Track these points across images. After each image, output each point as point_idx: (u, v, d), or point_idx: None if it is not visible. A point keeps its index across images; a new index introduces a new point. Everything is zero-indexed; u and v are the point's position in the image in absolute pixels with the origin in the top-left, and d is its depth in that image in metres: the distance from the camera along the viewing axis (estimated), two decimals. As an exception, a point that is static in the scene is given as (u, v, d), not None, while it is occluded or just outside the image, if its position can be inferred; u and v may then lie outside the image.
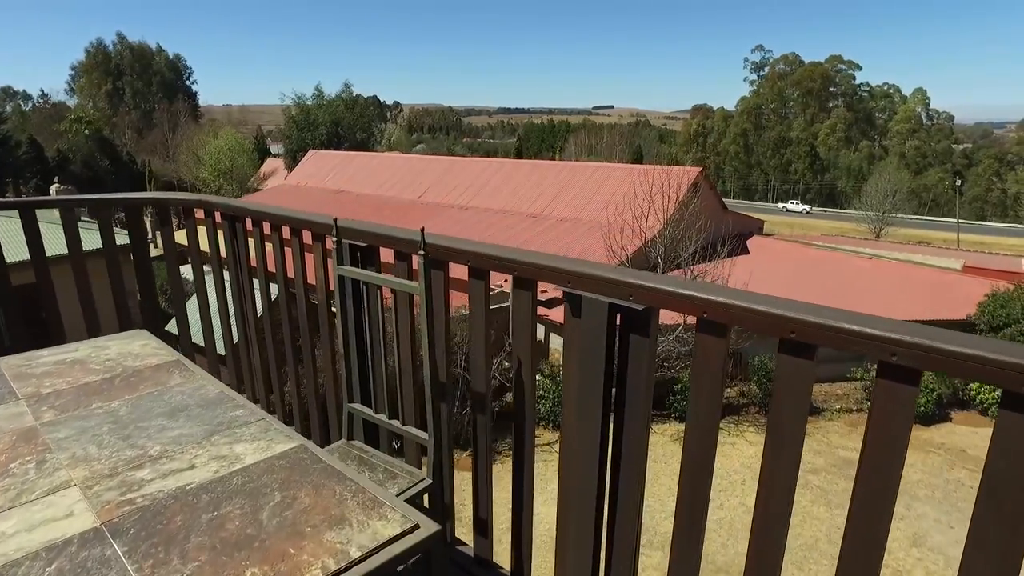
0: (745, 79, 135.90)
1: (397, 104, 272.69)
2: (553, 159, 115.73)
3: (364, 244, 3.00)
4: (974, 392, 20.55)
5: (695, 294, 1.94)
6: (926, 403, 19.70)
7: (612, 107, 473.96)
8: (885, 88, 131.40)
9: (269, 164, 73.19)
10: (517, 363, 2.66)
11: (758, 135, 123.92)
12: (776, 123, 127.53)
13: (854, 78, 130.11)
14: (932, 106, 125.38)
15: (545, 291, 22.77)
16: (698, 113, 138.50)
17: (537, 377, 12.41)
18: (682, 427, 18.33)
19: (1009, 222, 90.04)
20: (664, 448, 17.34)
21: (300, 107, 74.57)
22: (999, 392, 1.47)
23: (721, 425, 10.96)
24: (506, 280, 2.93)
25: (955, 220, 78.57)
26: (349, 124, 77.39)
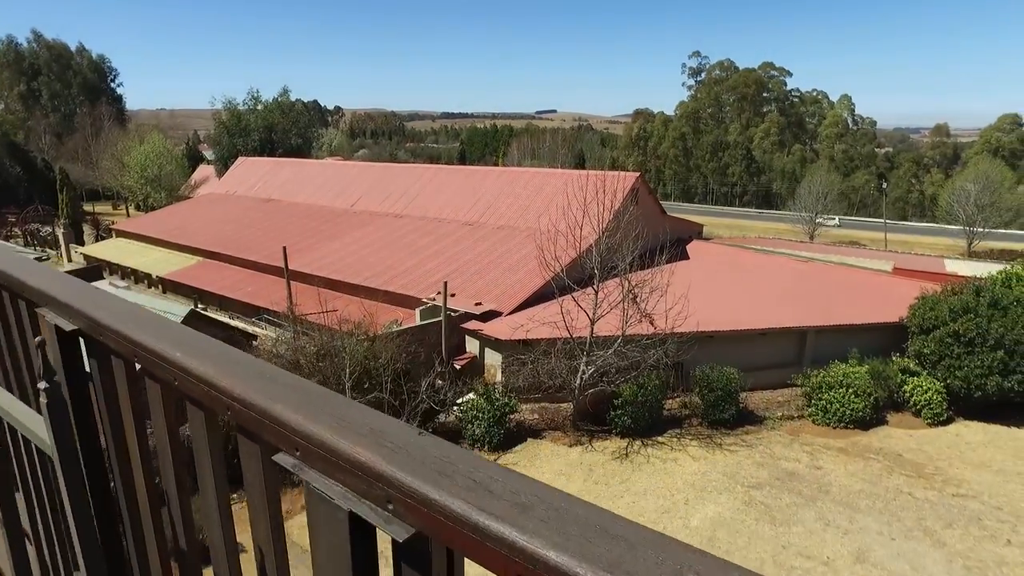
0: (683, 84, 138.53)
1: (339, 109, 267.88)
2: (497, 164, 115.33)
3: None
4: (908, 393, 20.63)
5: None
6: (864, 407, 19.61)
7: (555, 111, 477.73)
8: (814, 94, 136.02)
9: (201, 171, 69.97)
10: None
11: (697, 139, 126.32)
12: (713, 127, 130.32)
13: (785, 84, 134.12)
14: (857, 112, 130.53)
15: (480, 303, 21.85)
16: (639, 117, 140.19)
17: (471, 395, 11.25)
18: (624, 443, 17.73)
19: (927, 222, 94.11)
20: (605, 468, 16.61)
21: (231, 112, 71.58)
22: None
23: (662, 439, 10.05)
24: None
25: (881, 220, 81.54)
26: (284, 129, 74.81)
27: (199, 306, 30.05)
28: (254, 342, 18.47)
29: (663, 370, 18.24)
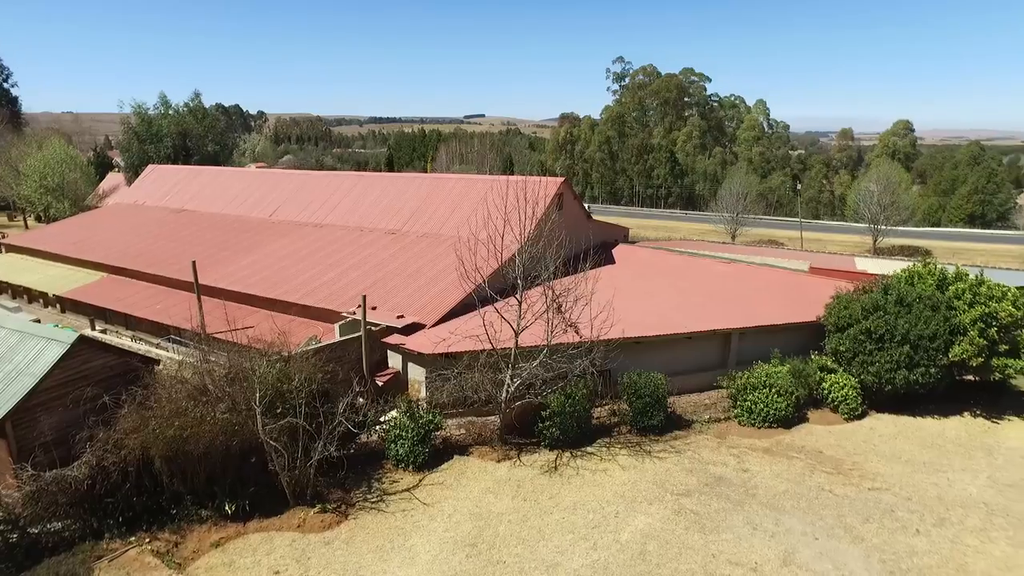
0: (608, 89, 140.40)
1: (262, 114, 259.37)
2: (425, 169, 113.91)
3: None
4: (826, 390, 21.19)
5: None
6: (786, 406, 19.98)
7: (483, 116, 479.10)
8: (732, 99, 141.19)
9: (111, 180, 65.69)
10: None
11: (622, 142, 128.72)
12: (638, 130, 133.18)
13: (705, 89, 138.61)
14: (772, 116, 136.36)
15: (402, 316, 21.09)
16: (565, 121, 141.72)
17: (393, 413, 10.43)
18: (553, 456, 17.36)
19: (838, 220, 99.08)
20: (534, 483, 16.18)
21: (141, 117, 67.71)
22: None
23: (591, 450, 9.05)
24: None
25: (797, 219, 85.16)
26: (199, 136, 71.47)
27: (97, 328, 27.99)
28: (156, 367, 17.11)
29: (590, 379, 18.01)
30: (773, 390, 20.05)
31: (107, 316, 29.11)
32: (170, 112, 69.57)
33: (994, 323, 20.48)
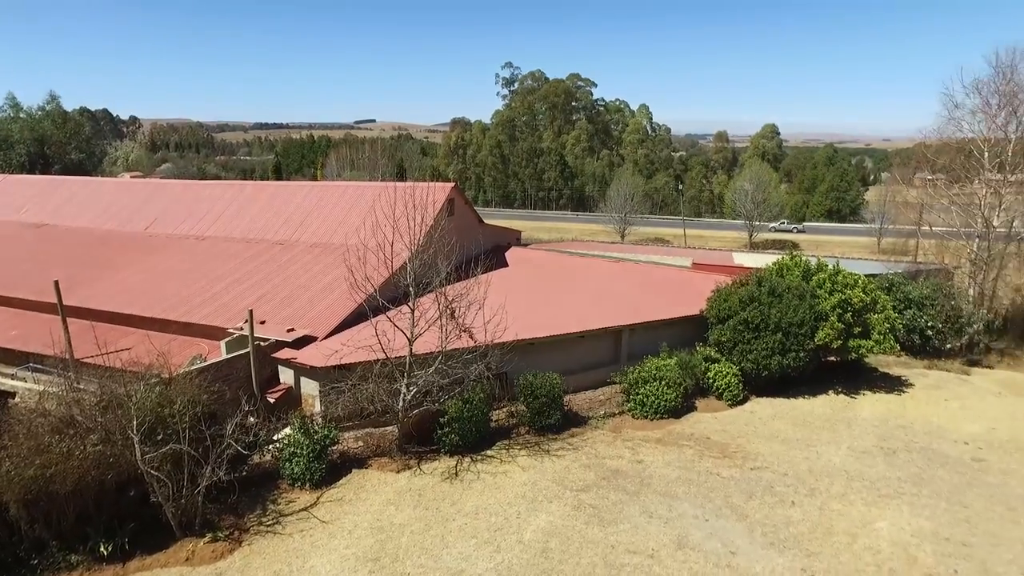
0: (498, 93, 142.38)
1: (135, 119, 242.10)
2: (315, 176, 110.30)
3: None
4: (711, 379, 22.47)
5: None
6: (676, 397, 20.98)
7: (374, 121, 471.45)
8: (617, 103, 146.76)
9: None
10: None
11: (513, 146, 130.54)
12: (528, 134, 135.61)
13: (592, 94, 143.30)
14: (655, 120, 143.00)
15: (293, 329, 20.36)
16: (457, 126, 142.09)
17: (287, 430, 10.02)
18: (453, 462, 17.33)
19: (717, 217, 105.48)
20: (435, 491, 16.09)
21: (-12, 121, 61.51)
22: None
23: (491, 453, 9.32)
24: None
25: (681, 218, 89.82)
26: (60, 142, 65.73)
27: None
28: (11, 401, 15.55)
29: (487, 382, 18.14)
30: (663, 382, 21.01)
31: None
32: (21, 115, 63.52)
33: (849, 308, 22.51)
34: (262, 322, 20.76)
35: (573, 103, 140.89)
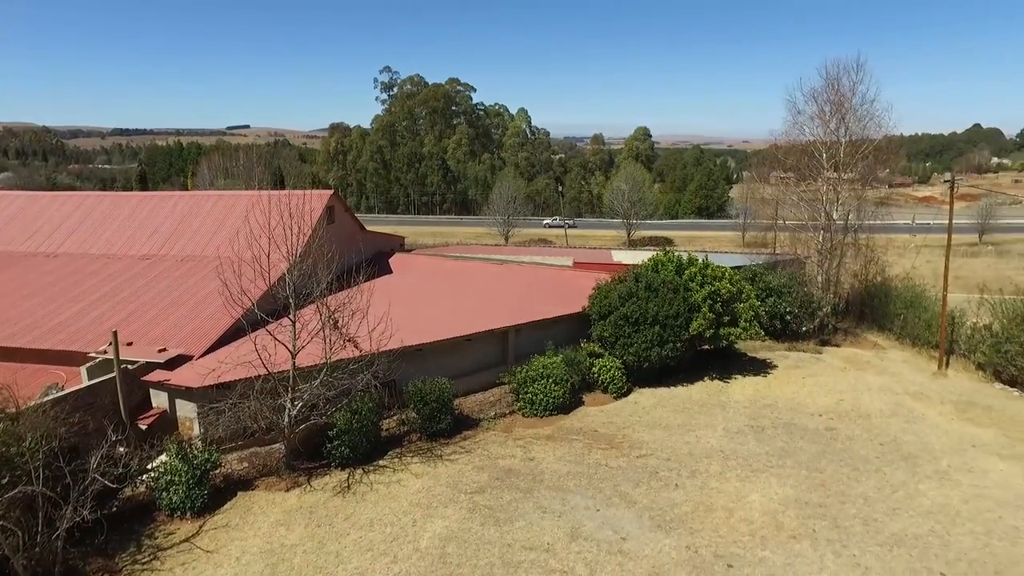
0: (377, 98, 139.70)
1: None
2: (186, 186, 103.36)
3: None
4: (596, 374, 23.34)
5: None
6: (563, 393, 21.59)
7: (248, 127, 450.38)
8: (497, 108, 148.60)
9: None
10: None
11: (394, 151, 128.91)
12: (409, 139, 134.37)
13: (471, 98, 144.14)
14: (534, 123, 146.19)
15: (165, 349, 19.08)
16: (336, 131, 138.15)
17: (163, 457, 9.33)
18: (345, 475, 16.93)
19: (597, 217, 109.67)
20: (327, 506, 15.64)
21: None
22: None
23: (383, 462, 10.29)
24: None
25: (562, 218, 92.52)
26: None
27: None
28: None
29: (376, 391, 17.86)
30: (550, 380, 21.58)
31: None
32: None
33: (718, 299, 24.17)
34: (129, 344, 19.29)
35: (453, 107, 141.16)
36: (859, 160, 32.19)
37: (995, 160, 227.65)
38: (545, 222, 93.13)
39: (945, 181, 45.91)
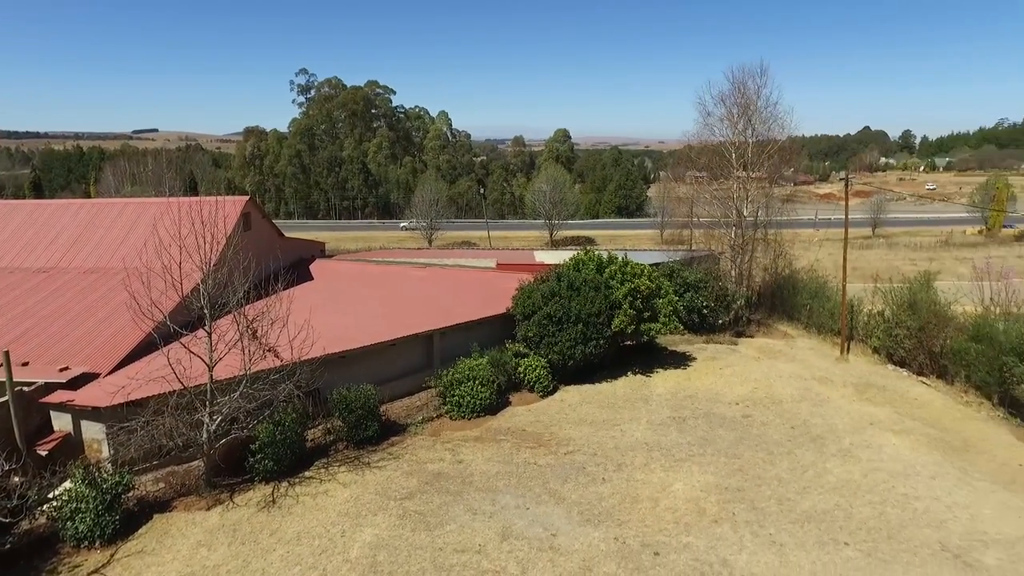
0: (294, 101, 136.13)
1: None
2: (88, 193, 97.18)
3: None
4: (522, 373, 23.59)
5: None
6: (490, 394, 21.70)
7: (156, 131, 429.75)
8: (417, 110, 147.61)
9: None
10: None
11: (313, 155, 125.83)
12: (328, 143, 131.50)
13: (391, 101, 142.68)
14: (455, 126, 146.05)
15: (67, 368, 17.97)
16: (251, 136, 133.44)
17: (67, 484, 8.71)
18: (270, 488, 16.45)
19: (519, 218, 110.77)
20: (251, 522, 15.14)
21: None
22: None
23: (309, 474, 10.93)
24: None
25: (484, 220, 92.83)
26: None
27: None
28: None
29: (299, 401, 17.44)
30: (477, 381, 21.65)
31: None
32: None
33: (638, 296, 24.92)
34: (25, 363, 18.06)
35: (373, 110, 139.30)
36: (765, 159, 33.99)
37: (883, 160, 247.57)
38: (402, 224, 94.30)
39: (841, 179, 49.03)
